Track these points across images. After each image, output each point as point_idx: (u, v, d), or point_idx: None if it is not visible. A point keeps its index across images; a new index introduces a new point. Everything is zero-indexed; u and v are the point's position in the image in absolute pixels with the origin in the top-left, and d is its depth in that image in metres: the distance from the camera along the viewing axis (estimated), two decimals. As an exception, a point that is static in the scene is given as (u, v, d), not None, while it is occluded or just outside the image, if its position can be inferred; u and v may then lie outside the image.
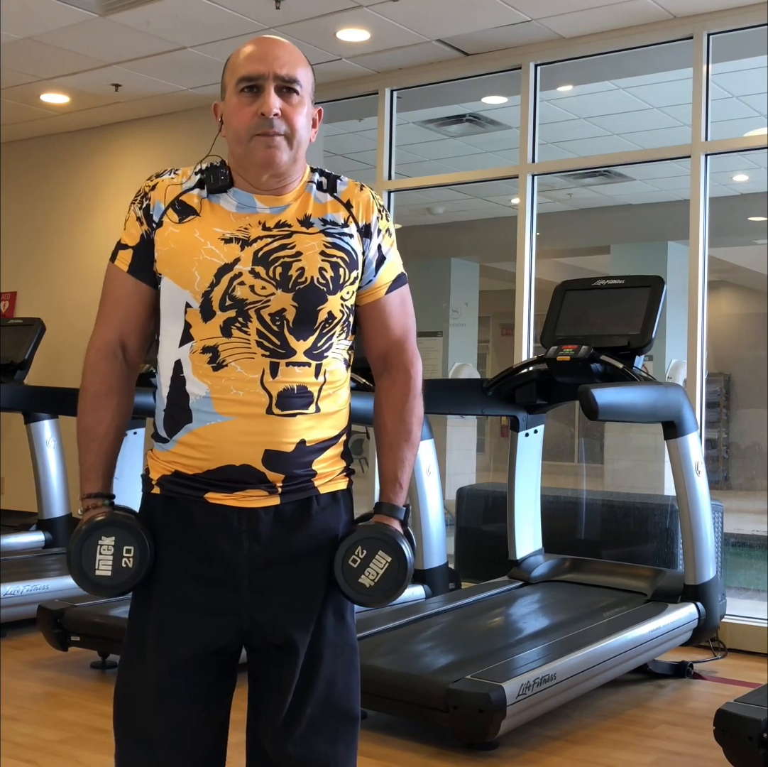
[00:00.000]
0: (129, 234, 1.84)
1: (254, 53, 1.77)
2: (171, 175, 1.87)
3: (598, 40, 5.62)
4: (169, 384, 1.78)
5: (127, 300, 1.82)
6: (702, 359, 5.27)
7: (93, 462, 1.85)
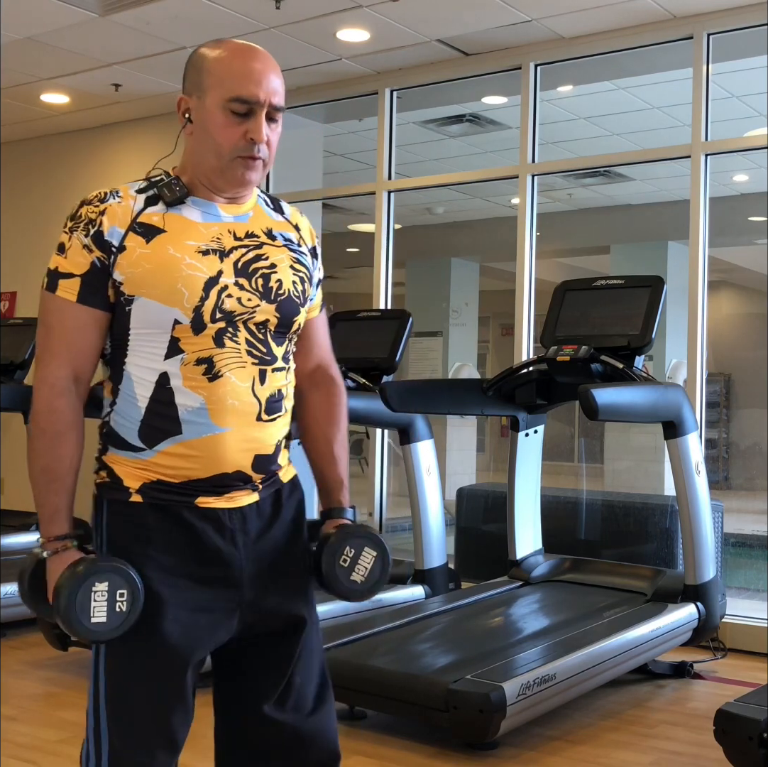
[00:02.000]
0: (72, 262, 1.77)
1: (249, 72, 1.77)
2: (115, 198, 1.80)
3: (598, 40, 5.62)
4: (150, 396, 1.78)
5: (79, 331, 1.78)
6: (702, 359, 5.27)
7: (57, 503, 1.78)
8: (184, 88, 1.85)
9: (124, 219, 1.79)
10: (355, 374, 5.03)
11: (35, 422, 1.80)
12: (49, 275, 1.79)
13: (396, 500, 7.16)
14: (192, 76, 1.82)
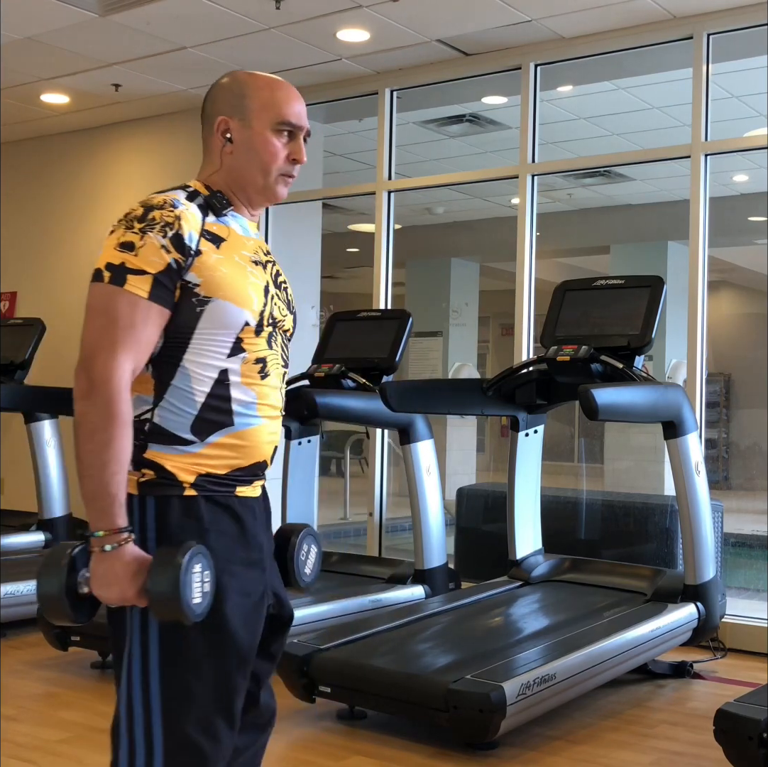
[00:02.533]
0: (145, 261, 1.81)
1: (291, 100, 2.01)
2: (181, 206, 1.88)
3: (598, 40, 5.62)
4: (208, 391, 1.87)
5: (146, 328, 1.82)
6: (702, 359, 5.27)
7: (119, 495, 1.78)
8: (220, 111, 1.97)
9: (195, 225, 1.87)
10: (355, 374, 5.03)
11: (107, 411, 1.80)
12: (112, 269, 1.81)
13: (396, 500, 7.17)
14: (231, 100, 1.98)
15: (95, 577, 1.76)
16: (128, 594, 1.74)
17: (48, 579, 1.76)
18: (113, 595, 1.75)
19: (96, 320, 1.83)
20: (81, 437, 1.82)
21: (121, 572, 1.74)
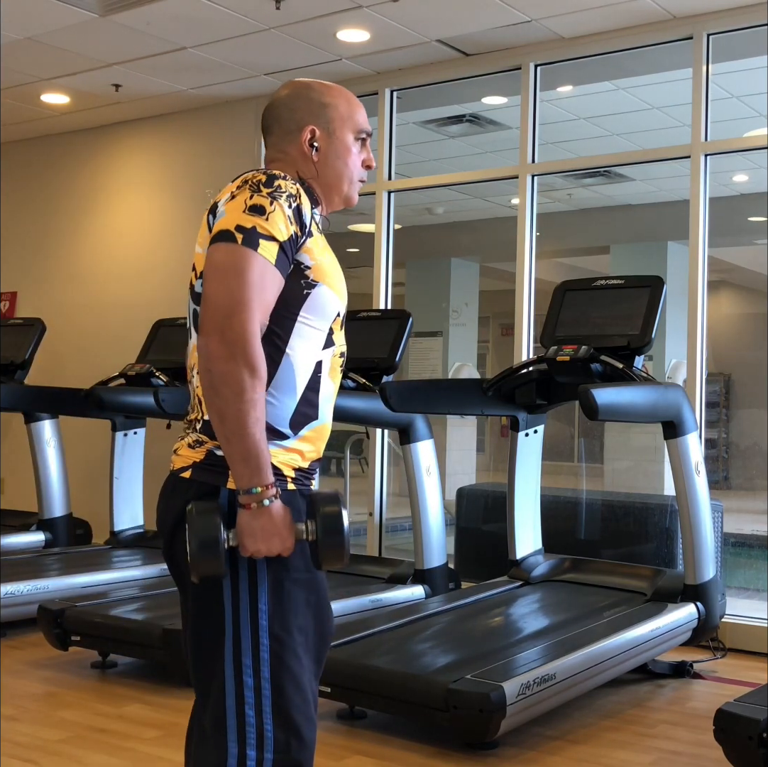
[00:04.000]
0: (275, 227, 1.81)
1: (363, 110, 2.07)
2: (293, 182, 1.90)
3: (598, 40, 5.62)
4: (306, 383, 1.89)
5: (272, 294, 1.82)
6: (702, 359, 5.27)
7: (267, 452, 1.79)
8: (305, 120, 2.00)
9: (308, 205, 1.89)
10: (355, 374, 5.04)
11: (252, 371, 1.75)
12: (243, 231, 1.80)
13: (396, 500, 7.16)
14: (313, 110, 2.01)
15: (253, 531, 1.78)
16: (288, 543, 1.80)
17: (204, 534, 1.76)
18: (275, 546, 1.79)
19: (230, 279, 1.78)
20: (228, 398, 1.75)
21: (281, 524, 1.79)
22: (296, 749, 1.84)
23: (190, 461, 1.89)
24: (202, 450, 1.87)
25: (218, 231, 1.82)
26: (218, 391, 1.75)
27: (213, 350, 1.75)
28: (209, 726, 1.85)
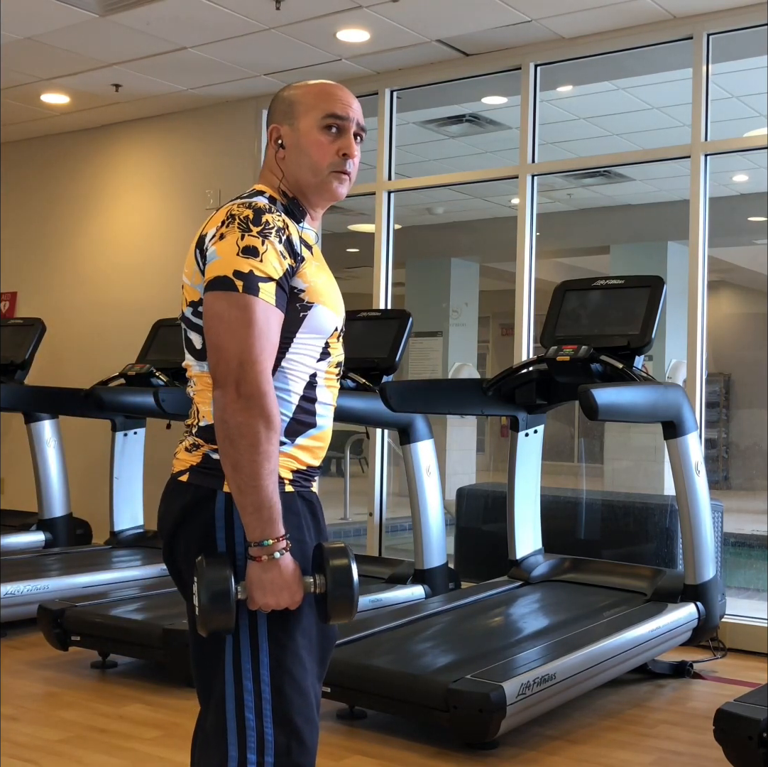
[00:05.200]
0: (269, 267, 1.81)
1: (339, 96, 1.97)
2: (278, 212, 1.88)
3: (598, 40, 5.62)
4: (301, 394, 1.90)
5: (276, 334, 1.83)
6: (702, 359, 5.27)
7: (279, 504, 1.79)
8: (273, 121, 1.98)
9: (295, 232, 1.89)
10: (355, 374, 5.04)
11: (268, 422, 1.76)
12: (243, 277, 1.79)
13: (396, 500, 7.17)
14: (282, 108, 1.98)
15: (262, 584, 1.77)
16: (297, 597, 1.80)
17: (214, 588, 1.75)
18: (284, 599, 1.79)
19: (240, 331, 1.78)
20: (243, 449, 1.75)
21: (291, 577, 1.79)
22: (297, 752, 1.83)
23: (187, 465, 1.89)
24: (199, 454, 1.88)
25: (215, 277, 1.81)
26: (233, 442, 1.75)
27: (229, 402, 1.75)
28: (210, 730, 1.85)
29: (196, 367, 1.93)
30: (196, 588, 1.77)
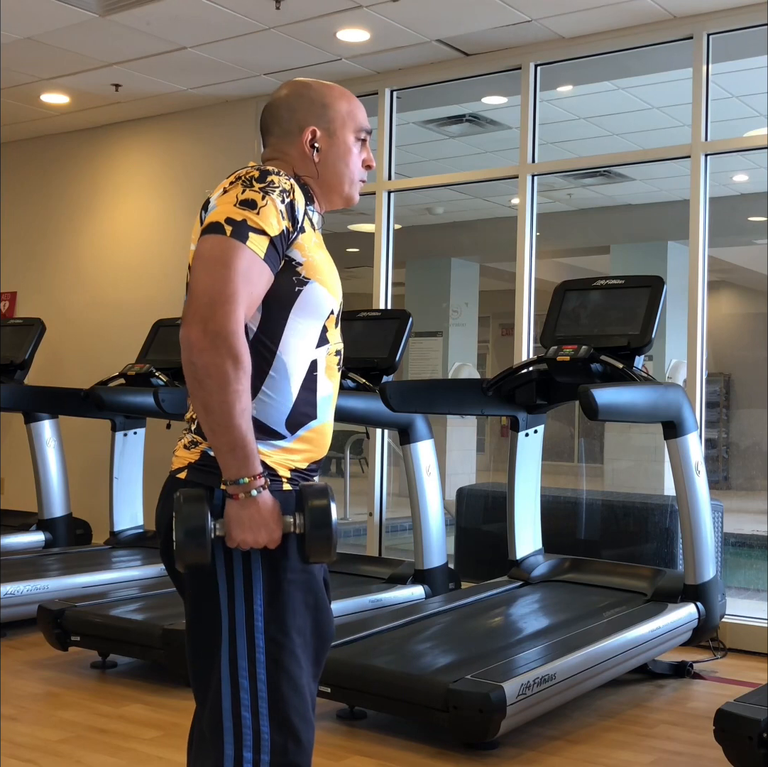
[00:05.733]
0: (266, 221, 1.80)
1: (363, 110, 2.06)
2: (287, 177, 1.88)
3: (598, 40, 5.62)
4: (301, 383, 1.88)
5: (257, 287, 1.80)
6: (702, 359, 5.27)
7: (254, 442, 1.78)
8: (303, 119, 1.99)
9: (302, 201, 1.88)
10: (355, 374, 5.04)
11: (236, 362, 1.73)
12: (233, 223, 1.79)
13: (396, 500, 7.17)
14: (314, 110, 2.00)
15: (240, 521, 1.77)
16: (276, 534, 1.79)
17: (190, 522, 1.76)
18: (261, 537, 1.78)
19: (216, 270, 1.76)
20: (212, 389, 1.73)
21: (269, 515, 1.78)
22: (293, 751, 1.83)
23: (185, 462, 1.89)
24: (197, 451, 1.88)
25: (208, 224, 1.81)
26: (202, 383, 1.73)
27: (195, 341, 1.73)
28: (207, 729, 1.85)
29: None
30: (174, 522, 1.78)
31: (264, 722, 1.82)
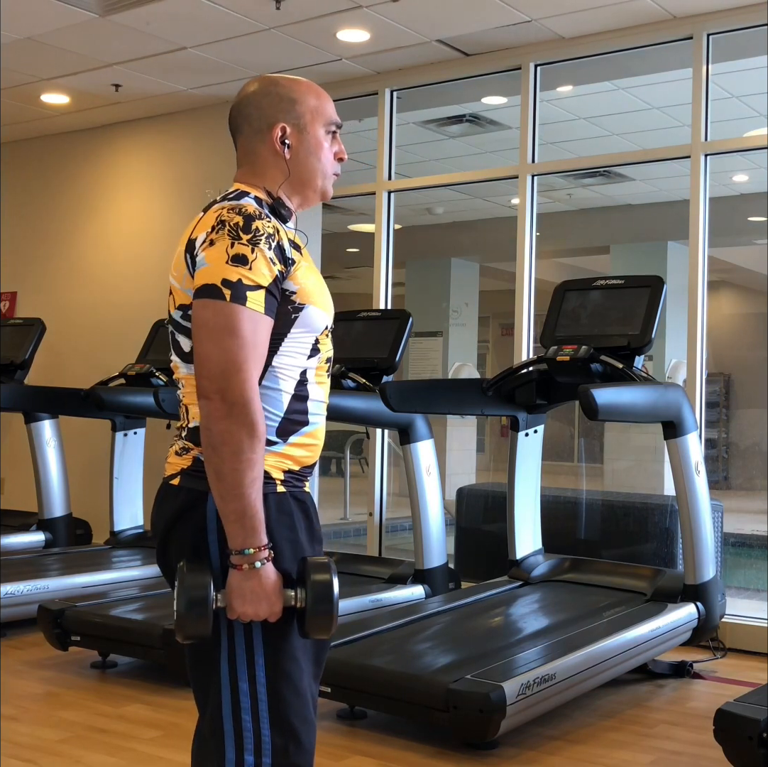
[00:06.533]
0: (258, 274, 1.81)
1: (331, 102, 2.05)
2: (267, 218, 1.88)
3: (598, 40, 5.62)
4: (292, 392, 1.90)
5: (264, 344, 1.83)
6: (702, 359, 5.27)
7: (261, 514, 1.79)
8: (271, 117, 1.97)
9: (286, 237, 1.90)
10: (355, 374, 5.04)
11: (251, 430, 1.76)
12: (230, 286, 1.79)
13: (396, 500, 7.17)
14: (282, 106, 1.98)
15: (242, 593, 1.77)
16: (276, 608, 1.79)
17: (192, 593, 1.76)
18: (262, 610, 1.78)
19: (223, 340, 1.78)
20: (225, 457, 1.75)
21: (270, 588, 1.78)
22: (295, 753, 1.83)
23: (178, 469, 1.90)
24: (189, 457, 1.88)
25: (203, 285, 1.81)
26: (216, 449, 1.75)
27: (212, 410, 1.76)
28: (207, 733, 1.86)
29: (183, 369, 1.95)
30: (176, 592, 1.77)
31: (264, 725, 1.82)
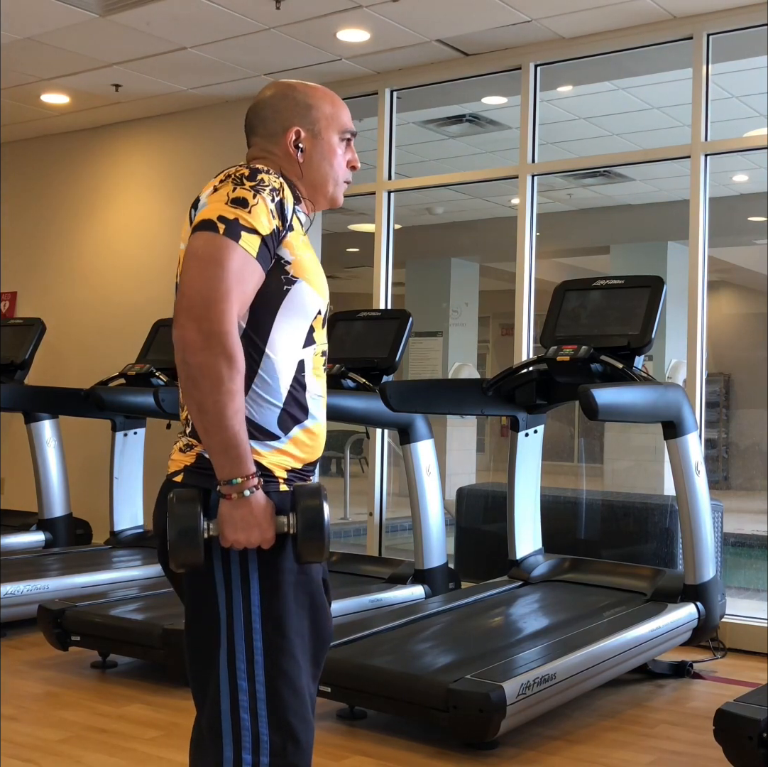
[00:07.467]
0: (257, 220, 1.80)
1: (347, 110, 2.07)
2: (276, 176, 1.88)
3: (598, 40, 5.62)
4: (290, 383, 1.88)
5: (250, 286, 1.80)
6: (702, 359, 5.27)
7: (247, 442, 1.78)
8: (287, 120, 2.00)
9: (290, 199, 1.88)
10: (355, 374, 5.04)
11: (230, 361, 1.73)
12: (226, 222, 1.78)
13: (396, 500, 7.17)
14: (298, 111, 2.01)
15: (232, 522, 1.77)
16: (268, 535, 1.79)
17: (182, 522, 1.78)
18: (254, 537, 1.78)
19: (209, 268, 1.76)
20: (206, 389, 1.73)
21: (261, 515, 1.78)
22: (293, 752, 1.83)
23: (181, 466, 1.89)
24: (192, 454, 1.88)
25: (200, 221, 1.81)
26: (196, 382, 1.74)
27: (190, 341, 1.73)
28: (206, 731, 1.86)
29: None
30: (167, 523, 1.79)
31: (263, 723, 1.82)
